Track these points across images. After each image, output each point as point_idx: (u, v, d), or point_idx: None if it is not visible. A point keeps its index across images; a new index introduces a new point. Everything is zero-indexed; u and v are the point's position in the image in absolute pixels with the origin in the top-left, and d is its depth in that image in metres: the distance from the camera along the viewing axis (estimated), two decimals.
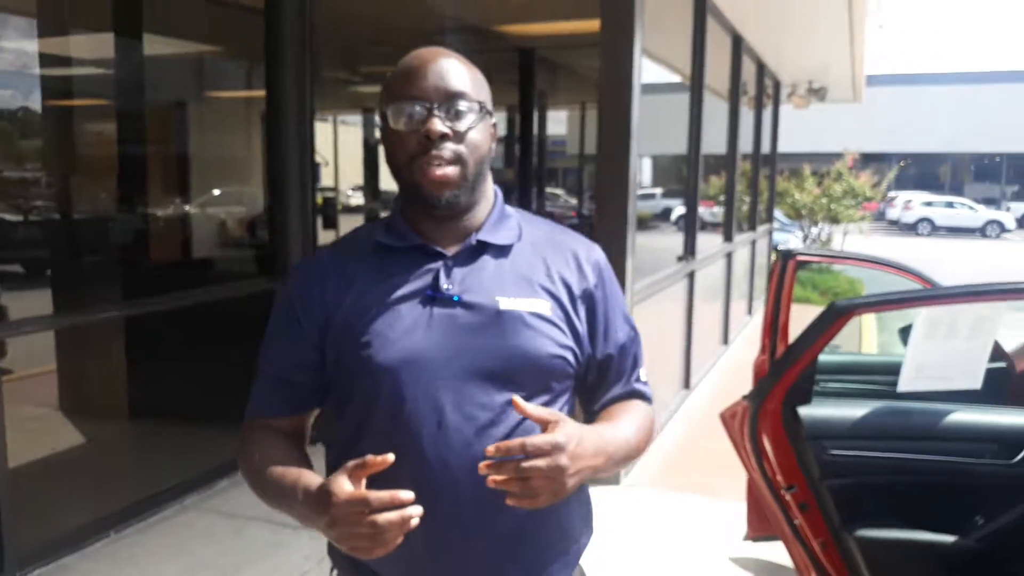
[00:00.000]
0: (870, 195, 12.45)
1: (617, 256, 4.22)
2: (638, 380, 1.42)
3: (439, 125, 1.22)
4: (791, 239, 12.40)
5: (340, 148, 10.57)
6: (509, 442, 1.10)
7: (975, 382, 2.33)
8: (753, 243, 9.32)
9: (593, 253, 1.40)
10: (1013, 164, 41.85)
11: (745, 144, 9.89)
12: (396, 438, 1.22)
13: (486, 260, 1.31)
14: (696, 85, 5.89)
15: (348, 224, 6.69)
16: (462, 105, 1.24)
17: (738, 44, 7.32)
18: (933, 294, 2.40)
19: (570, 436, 1.12)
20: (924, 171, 43.84)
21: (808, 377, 2.28)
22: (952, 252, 19.25)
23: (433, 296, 1.27)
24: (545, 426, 1.14)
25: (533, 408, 1.16)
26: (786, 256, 3.01)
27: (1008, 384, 2.90)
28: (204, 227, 5.74)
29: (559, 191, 14.27)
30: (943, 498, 2.37)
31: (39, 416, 4.55)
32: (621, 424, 1.32)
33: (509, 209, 1.38)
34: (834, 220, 12.19)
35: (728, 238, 7.70)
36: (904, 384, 2.33)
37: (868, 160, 36.58)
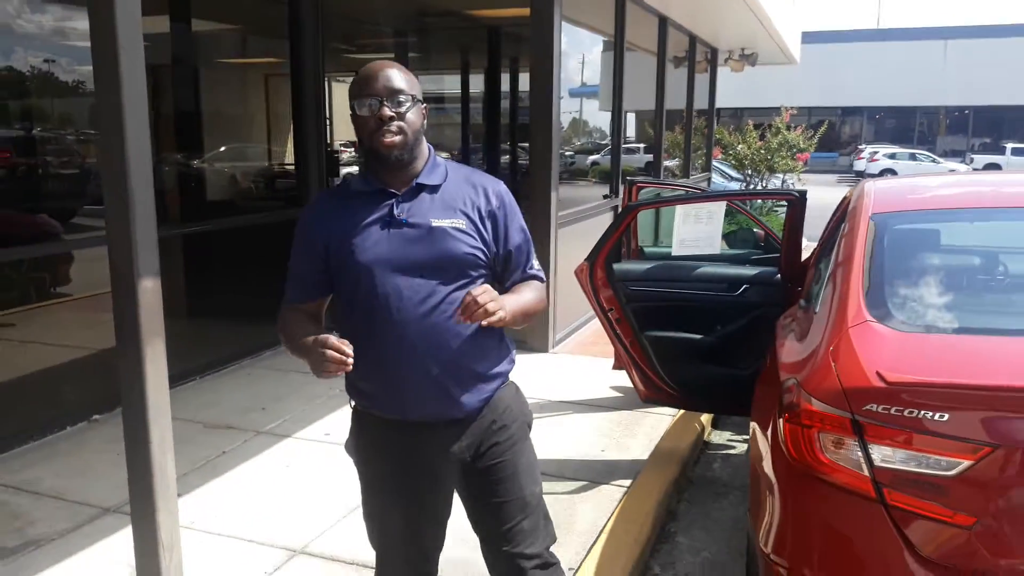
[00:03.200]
0: (803, 147, 14.10)
1: (543, 189, 5.93)
2: (532, 268, 2.11)
3: (387, 111, 1.89)
4: (732, 187, 14.03)
5: (333, 109, 12.06)
6: (464, 298, 1.81)
7: (714, 249, 4.08)
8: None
9: (497, 187, 2.07)
10: (980, 117, 43.10)
11: (700, 102, 11.55)
12: (374, 307, 1.92)
13: (423, 196, 1.97)
14: (618, 55, 7.51)
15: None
16: (401, 98, 1.91)
17: (664, 23, 8.93)
18: (685, 197, 4.17)
19: (485, 287, 1.85)
20: (900, 124, 45.27)
21: (616, 246, 4.02)
22: None
23: (390, 220, 1.94)
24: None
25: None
26: (630, 183, 4.75)
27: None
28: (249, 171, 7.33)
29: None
30: (696, 315, 4.13)
31: None
32: (524, 292, 2.05)
33: (439, 160, 2.04)
34: (771, 170, 13.86)
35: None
36: (675, 251, 4.09)
37: (826, 113, 37.89)
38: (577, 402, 4.97)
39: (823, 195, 7.67)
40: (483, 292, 1.81)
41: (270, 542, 3.23)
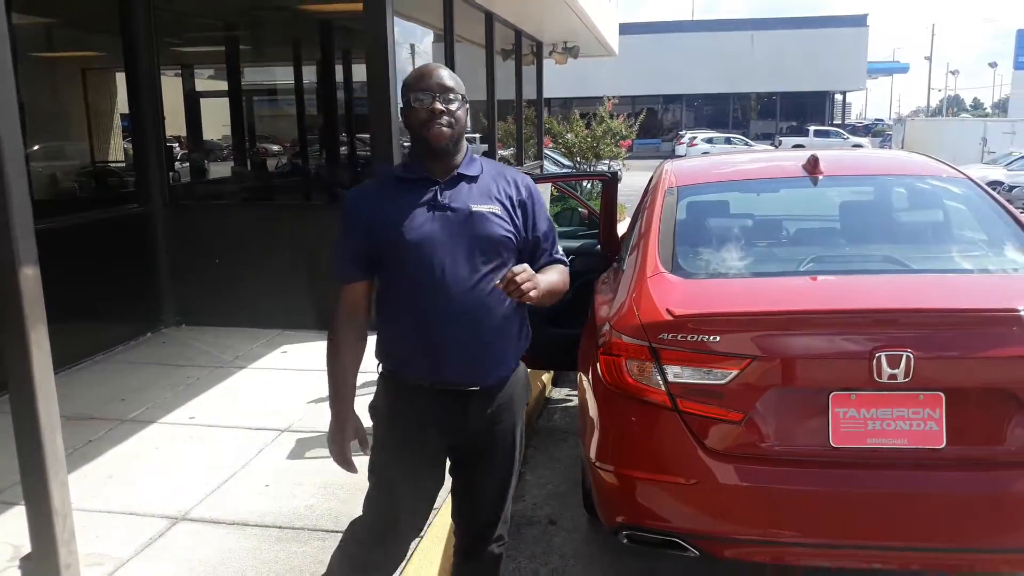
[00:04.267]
0: (625, 134, 15.17)
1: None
2: (557, 252, 2.30)
3: (439, 105, 2.09)
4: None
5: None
6: (505, 274, 2.01)
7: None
8: None
9: (526, 180, 2.28)
10: (787, 103, 47.07)
11: (529, 93, 12.18)
12: (420, 282, 2.10)
13: (463, 185, 2.17)
14: (448, 49, 7.94)
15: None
16: (452, 95, 2.11)
17: (490, 18, 9.45)
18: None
19: (524, 266, 2.03)
20: (716, 111, 48.64)
21: None
22: None
23: (435, 205, 2.13)
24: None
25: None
26: None
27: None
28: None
29: None
30: None
31: None
32: (550, 274, 2.21)
33: (475, 156, 2.23)
34: (598, 156, 14.82)
35: None
36: None
37: (650, 101, 40.10)
38: None
39: (645, 178, 8.50)
40: (523, 270, 2.01)
41: (151, 513, 3.45)
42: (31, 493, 2.72)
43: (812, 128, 39.00)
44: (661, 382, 2.58)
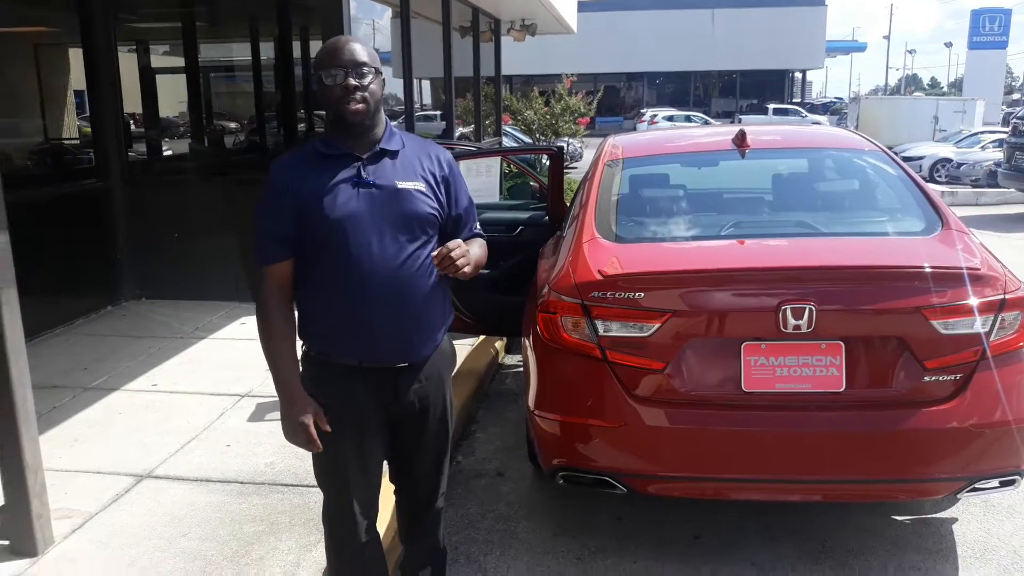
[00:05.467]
0: (584, 111, 15.38)
1: None
2: (476, 227, 2.36)
3: (352, 81, 2.07)
4: None
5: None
6: (439, 249, 2.07)
7: (494, 197, 4.83)
8: None
9: (447, 155, 2.29)
10: (747, 81, 47.59)
11: (488, 70, 12.29)
12: (346, 260, 2.08)
13: (386, 160, 2.15)
14: (405, 26, 8.05)
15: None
16: (364, 69, 2.08)
17: None
18: (466, 153, 4.89)
19: (458, 242, 2.10)
20: (678, 89, 49.01)
21: None
22: None
23: (358, 182, 2.11)
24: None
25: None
26: None
27: None
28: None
29: None
30: (488, 253, 4.85)
31: None
32: (474, 247, 2.25)
33: (395, 129, 2.21)
34: (557, 134, 15.01)
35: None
36: None
37: (613, 79, 40.12)
38: None
39: None
40: (457, 246, 2.07)
41: (117, 471, 3.62)
42: (4, 448, 2.90)
43: (771, 106, 39.51)
44: (593, 336, 2.82)
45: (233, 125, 10.57)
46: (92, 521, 3.22)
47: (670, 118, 36.59)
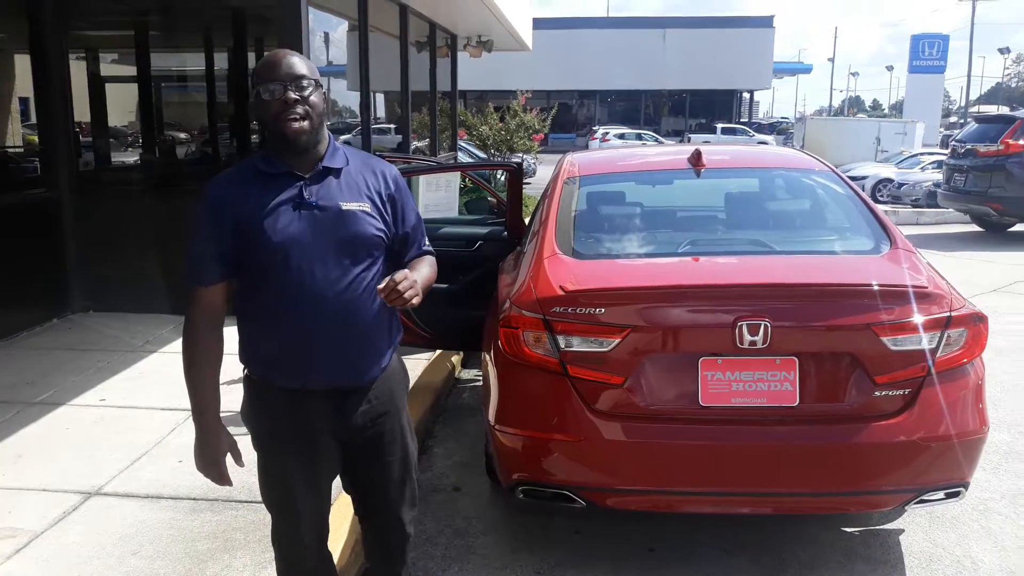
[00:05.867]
0: (538, 128, 15.53)
1: None
2: (425, 244, 2.26)
3: (292, 95, 1.96)
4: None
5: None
6: (385, 282, 1.93)
7: (453, 212, 4.84)
8: None
9: (393, 172, 2.18)
10: (697, 100, 48.45)
11: (444, 85, 12.33)
12: (287, 285, 2.00)
13: (330, 179, 2.04)
14: (362, 40, 8.05)
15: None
16: (304, 83, 1.98)
17: (404, 10, 9.58)
18: (426, 168, 4.89)
19: (405, 273, 1.97)
20: (629, 107, 49.67)
21: None
22: None
23: (300, 203, 2.01)
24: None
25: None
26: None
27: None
28: None
29: None
30: (446, 267, 4.84)
31: None
32: (422, 268, 2.17)
33: (338, 145, 2.11)
34: (511, 149, 15.12)
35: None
36: (423, 215, 4.79)
37: (565, 96, 40.57)
38: None
39: None
40: (404, 278, 1.95)
41: (64, 489, 3.52)
42: None
43: (720, 126, 40.29)
44: (554, 351, 2.84)
45: (184, 136, 10.41)
46: (38, 540, 3.13)
47: (621, 136, 37.11)
